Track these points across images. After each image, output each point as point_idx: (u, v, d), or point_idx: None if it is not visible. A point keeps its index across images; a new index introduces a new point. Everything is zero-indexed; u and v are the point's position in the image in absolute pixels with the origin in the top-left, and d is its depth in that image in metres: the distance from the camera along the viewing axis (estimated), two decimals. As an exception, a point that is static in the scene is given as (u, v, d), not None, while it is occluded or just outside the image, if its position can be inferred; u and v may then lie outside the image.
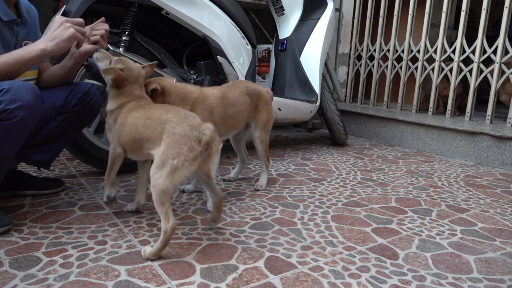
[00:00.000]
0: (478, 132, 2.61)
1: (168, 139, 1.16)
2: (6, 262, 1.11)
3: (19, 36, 1.43)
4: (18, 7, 1.45)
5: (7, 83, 1.21)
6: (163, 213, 1.14)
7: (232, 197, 1.74)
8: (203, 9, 2.10)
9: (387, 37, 3.54)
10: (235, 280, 1.07)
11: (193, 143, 1.15)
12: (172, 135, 1.16)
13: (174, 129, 1.17)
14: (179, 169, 1.14)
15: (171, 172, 1.13)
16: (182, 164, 1.14)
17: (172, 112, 1.23)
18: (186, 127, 1.17)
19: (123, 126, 1.32)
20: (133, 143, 1.30)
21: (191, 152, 1.15)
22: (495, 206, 1.77)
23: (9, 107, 1.17)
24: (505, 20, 2.72)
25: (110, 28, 2.00)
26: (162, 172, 1.14)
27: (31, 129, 1.28)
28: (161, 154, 1.16)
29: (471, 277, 1.15)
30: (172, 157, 1.14)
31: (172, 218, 1.14)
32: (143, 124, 1.25)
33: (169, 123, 1.19)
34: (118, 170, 1.44)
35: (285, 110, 2.58)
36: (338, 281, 1.09)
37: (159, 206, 1.14)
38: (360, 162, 2.49)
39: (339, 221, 1.51)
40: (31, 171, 1.95)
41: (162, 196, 1.13)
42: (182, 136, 1.15)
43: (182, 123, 1.18)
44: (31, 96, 1.22)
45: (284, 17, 2.80)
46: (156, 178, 1.14)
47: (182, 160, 1.14)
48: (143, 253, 1.17)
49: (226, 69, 2.19)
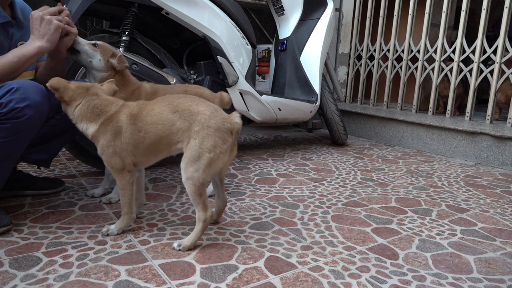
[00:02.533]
0: (478, 132, 2.61)
1: (203, 132, 1.18)
2: (6, 262, 1.11)
3: (14, 38, 1.43)
4: (13, 8, 1.44)
5: (15, 82, 1.22)
6: (201, 203, 1.20)
7: (232, 197, 1.74)
8: (203, 9, 2.10)
9: (387, 37, 3.54)
10: (235, 280, 1.07)
11: (226, 135, 1.20)
12: (206, 128, 1.18)
13: (208, 122, 1.18)
14: (215, 160, 1.18)
15: (207, 164, 1.17)
16: (217, 157, 1.18)
17: (202, 104, 1.23)
18: (219, 120, 1.20)
19: (139, 132, 1.23)
20: (160, 142, 1.24)
21: (224, 143, 1.20)
22: (495, 206, 1.77)
23: (18, 106, 1.18)
24: (505, 20, 2.72)
25: (110, 28, 2.02)
26: (198, 165, 1.17)
27: (38, 128, 1.29)
28: (197, 147, 1.17)
29: (471, 277, 1.15)
30: (208, 150, 1.17)
31: (210, 208, 1.22)
32: (171, 117, 1.21)
33: (201, 115, 1.19)
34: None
35: (285, 110, 2.58)
36: (338, 281, 1.09)
37: (196, 197, 1.19)
38: (360, 162, 2.49)
39: (339, 221, 1.51)
40: (31, 171, 1.95)
41: (201, 188, 1.18)
42: (216, 129, 1.18)
43: (216, 117, 1.20)
44: (39, 95, 1.23)
45: (284, 17, 2.80)
46: (192, 171, 1.17)
47: (218, 152, 1.18)
48: (179, 247, 1.21)
49: (226, 69, 2.19)
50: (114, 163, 1.26)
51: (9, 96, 1.18)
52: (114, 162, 1.26)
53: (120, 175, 1.28)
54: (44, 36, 1.28)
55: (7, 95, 1.18)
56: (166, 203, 1.62)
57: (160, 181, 1.92)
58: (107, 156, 1.26)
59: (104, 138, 1.26)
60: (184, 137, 1.20)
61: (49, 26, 1.28)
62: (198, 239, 1.23)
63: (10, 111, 1.17)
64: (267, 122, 2.57)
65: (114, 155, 1.26)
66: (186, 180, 1.18)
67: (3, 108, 1.17)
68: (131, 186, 1.29)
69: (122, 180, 1.28)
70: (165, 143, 1.24)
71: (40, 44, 1.27)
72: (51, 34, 1.28)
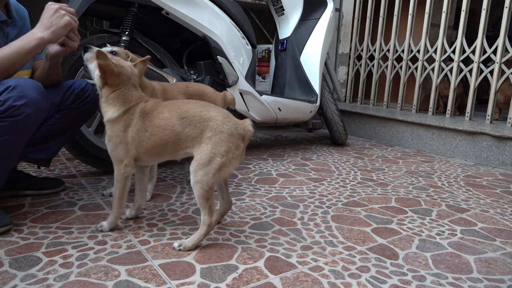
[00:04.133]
0: (478, 132, 2.61)
1: (216, 138, 1.18)
2: (6, 262, 1.11)
3: (9, 37, 1.42)
4: (8, 8, 1.43)
5: (12, 80, 1.21)
6: (208, 207, 1.20)
7: (232, 197, 1.74)
8: (203, 9, 2.10)
9: (387, 37, 3.54)
10: (235, 280, 1.07)
11: (238, 140, 1.21)
12: (219, 133, 1.18)
13: (222, 128, 1.19)
14: (226, 165, 1.19)
15: (218, 169, 1.18)
16: (229, 162, 1.19)
17: (213, 110, 1.23)
18: (232, 125, 1.20)
19: (145, 131, 1.24)
20: (165, 146, 1.24)
21: (237, 149, 1.20)
22: (495, 206, 1.77)
23: (16, 104, 1.17)
24: (505, 20, 2.72)
25: (110, 28, 2.02)
26: (209, 169, 1.17)
27: (36, 125, 1.29)
28: (209, 152, 1.17)
29: (471, 277, 1.15)
30: (220, 155, 1.17)
31: (215, 212, 1.23)
32: (179, 124, 1.21)
33: (214, 121, 1.19)
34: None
35: (285, 110, 2.58)
36: (338, 281, 1.09)
37: (204, 201, 1.19)
38: (360, 162, 2.49)
39: (339, 221, 1.51)
40: (31, 171, 1.95)
41: (209, 192, 1.19)
42: (229, 134, 1.19)
43: (229, 122, 1.21)
44: (36, 93, 1.22)
45: (284, 17, 2.80)
46: (202, 174, 1.17)
47: (230, 157, 1.19)
48: (179, 247, 1.22)
49: (226, 69, 2.19)
50: (117, 153, 1.27)
51: (7, 94, 1.17)
52: (117, 152, 1.27)
53: (118, 166, 1.28)
54: (51, 27, 1.25)
55: (5, 93, 1.17)
56: (166, 203, 1.62)
57: (160, 181, 1.92)
58: (113, 144, 1.27)
59: (116, 127, 1.26)
60: (194, 144, 1.21)
61: (60, 19, 1.25)
62: (200, 241, 1.23)
63: (8, 109, 1.17)
64: (267, 122, 2.57)
65: (119, 145, 1.26)
66: (194, 183, 1.18)
67: (1, 106, 1.16)
68: (124, 181, 1.29)
69: (118, 172, 1.29)
70: (170, 148, 1.25)
71: (41, 35, 1.24)
72: (59, 27, 1.25)
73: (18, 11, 1.49)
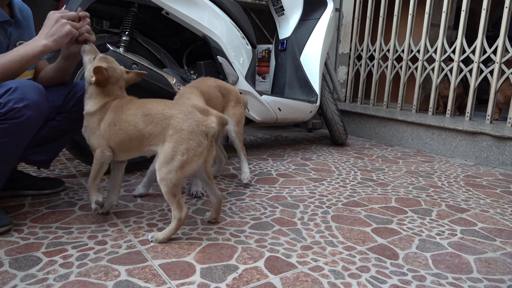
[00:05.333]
0: (478, 132, 2.61)
1: (176, 136, 1.20)
2: (6, 262, 1.11)
3: (12, 37, 1.43)
4: (11, 7, 1.44)
5: (14, 82, 1.21)
6: (175, 203, 1.22)
7: (232, 197, 1.74)
8: (203, 9, 2.10)
9: (387, 37, 3.54)
10: (235, 280, 1.07)
11: (201, 137, 1.21)
12: (179, 131, 1.20)
13: (182, 125, 1.20)
14: (188, 163, 1.20)
15: (180, 166, 1.19)
16: (191, 159, 1.20)
17: (175, 108, 1.25)
18: (193, 123, 1.21)
19: (114, 125, 1.29)
20: (131, 142, 1.29)
21: (199, 146, 1.21)
22: (495, 206, 1.77)
23: (17, 106, 1.18)
24: (505, 20, 2.72)
25: (110, 28, 2.02)
26: (171, 166, 1.19)
27: (37, 127, 1.29)
28: (170, 150, 1.19)
29: (471, 277, 1.15)
30: (181, 153, 1.19)
31: (185, 207, 1.24)
32: (143, 120, 1.25)
33: (174, 119, 1.21)
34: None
35: (285, 110, 2.58)
36: (338, 281, 1.09)
37: (170, 197, 1.22)
38: (360, 162, 2.49)
39: (339, 221, 1.51)
40: (31, 171, 1.95)
41: (174, 189, 1.21)
42: (190, 132, 1.20)
43: (189, 120, 1.21)
44: (37, 95, 1.23)
45: (284, 17, 2.80)
46: (165, 172, 1.19)
47: (191, 155, 1.20)
48: (151, 238, 1.25)
49: (226, 69, 2.19)
50: (91, 142, 1.34)
51: (8, 96, 1.17)
52: (91, 142, 1.34)
53: (95, 152, 1.34)
54: (53, 36, 1.28)
55: (6, 95, 1.18)
56: (166, 203, 1.62)
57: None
58: (88, 135, 1.34)
59: (92, 119, 1.33)
60: (157, 141, 1.24)
61: (62, 28, 1.29)
62: (171, 235, 1.27)
63: (9, 111, 1.17)
64: (267, 122, 2.57)
65: (92, 136, 1.33)
66: (160, 181, 1.21)
67: (2, 108, 1.17)
68: (100, 165, 1.33)
69: (95, 157, 1.34)
70: (136, 144, 1.29)
71: (46, 43, 1.27)
72: (60, 36, 1.28)
73: (22, 11, 1.49)
